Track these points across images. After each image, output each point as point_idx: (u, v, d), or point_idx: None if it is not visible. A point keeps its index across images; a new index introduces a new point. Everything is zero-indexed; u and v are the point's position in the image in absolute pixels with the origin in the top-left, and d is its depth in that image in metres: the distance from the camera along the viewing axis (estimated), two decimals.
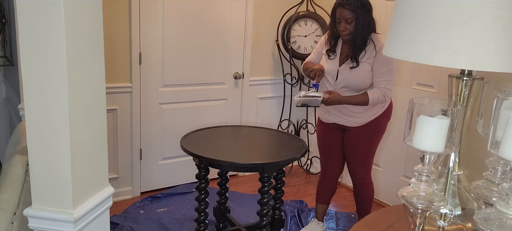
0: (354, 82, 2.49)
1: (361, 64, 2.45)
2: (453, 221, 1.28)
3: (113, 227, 2.91)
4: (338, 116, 2.62)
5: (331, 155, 2.79)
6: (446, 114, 1.10)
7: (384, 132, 2.70)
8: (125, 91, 3.29)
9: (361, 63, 2.45)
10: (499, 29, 0.99)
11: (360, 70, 2.46)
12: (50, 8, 1.18)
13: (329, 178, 2.85)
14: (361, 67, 2.46)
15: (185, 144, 2.38)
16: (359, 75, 2.46)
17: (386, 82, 2.45)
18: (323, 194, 2.90)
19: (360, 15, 2.38)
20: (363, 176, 2.73)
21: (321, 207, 2.94)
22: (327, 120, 2.70)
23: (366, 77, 2.46)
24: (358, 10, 2.37)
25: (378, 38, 2.47)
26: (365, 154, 2.68)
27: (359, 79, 2.47)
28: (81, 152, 1.32)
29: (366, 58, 2.45)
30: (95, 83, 1.38)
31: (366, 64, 2.45)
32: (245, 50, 3.78)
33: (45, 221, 1.32)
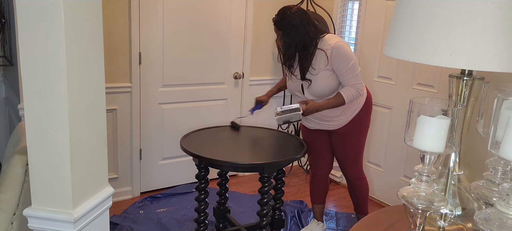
0: (320, 91, 2.49)
1: (319, 74, 2.45)
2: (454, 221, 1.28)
3: (113, 227, 2.90)
4: (319, 122, 2.63)
5: (319, 154, 2.80)
6: (447, 114, 1.10)
7: (368, 126, 2.70)
8: (125, 91, 3.29)
9: (319, 73, 2.45)
10: (499, 29, 0.99)
11: (320, 80, 2.45)
12: (50, 8, 1.17)
13: (319, 177, 2.86)
14: (319, 76, 2.45)
15: (185, 144, 2.38)
16: (322, 84, 2.46)
17: (353, 77, 2.43)
18: (317, 194, 2.92)
19: (285, 33, 2.43)
20: (355, 172, 2.75)
21: (318, 207, 2.95)
22: (311, 127, 2.71)
23: (330, 82, 2.46)
24: (283, 28, 2.43)
25: (325, 42, 2.44)
26: (354, 152, 2.70)
27: (323, 87, 2.47)
28: (80, 152, 1.32)
29: (322, 66, 2.44)
30: (94, 83, 1.38)
31: (324, 72, 2.44)
32: (245, 50, 3.78)
33: (44, 221, 1.32)
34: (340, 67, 2.41)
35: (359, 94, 2.47)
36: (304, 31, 2.40)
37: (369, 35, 3.53)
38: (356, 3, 3.75)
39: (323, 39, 2.45)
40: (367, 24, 3.55)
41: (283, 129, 4.00)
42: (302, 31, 2.40)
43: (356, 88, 2.44)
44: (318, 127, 2.66)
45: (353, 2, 3.78)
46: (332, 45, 2.39)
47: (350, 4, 3.80)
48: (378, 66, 3.47)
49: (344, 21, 3.87)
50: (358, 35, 3.65)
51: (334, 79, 2.46)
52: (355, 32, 3.77)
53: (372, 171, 3.59)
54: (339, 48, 2.39)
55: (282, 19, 2.42)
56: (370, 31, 3.52)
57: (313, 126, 2.68)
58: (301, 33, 2.40)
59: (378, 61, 3.47)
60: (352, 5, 3.80)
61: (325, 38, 2.45)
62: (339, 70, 2.42)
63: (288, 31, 2.41)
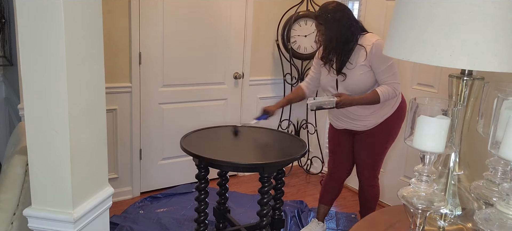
0: (354, 87, 2.47)
1: (356, 69, 2.44)
2: (454, 221, 1.28)
3: (113, 227, 2.90)
4: (347, 121, 2.61)
5: (340, 157, 2.78)
6: (447, 115, 1.10)
7: (397, 134, 2.65)
8: (125, 91, 3.29)
9: (355, 67, 2.44)
10: (499, 29, 0.99)
11: (355, 75, 2.45)
12: (50, 8, 1.17)
13: (335, 180, 2.84)
14: (356, 71, 2.44)
15: (185, 144, 2.38)
16: (357, 79, 2.45)
17: (391, 77, 2.42)
18: (328, 195, 2.90)
19: (327, 27, 2.42)
20: (369, 177, 2.72)
21: (323, 208, 2.93)
22: (338, 126, 2.69)
23: (365, 78, 2.44)
24: (325, 22, 2.42)
25: (365, 39, 2.45)
26: (375, 157, 2.67)
27: (357, 83, 2.46)
28: (80, 152, 1.32)
29: (359, 61, 2.44)
30: (94, 83, 1.38)
31: (360, 67, 2.43)
32: (245, 50, 3.78)
33: (44, 221, 1.32)
34: (379, 65, 2.40)
35: (395, 94, 2.44)
36: (346, 25, 2.41)
37: None
38: (356, 3, 3.75)
39: (364, 36, 2.47)
40: (367, 24, 3.53)
41: (283, 129, 4.00)
42: (345, 25, 2.41)
43: (392, 87, 2.42)
44: (345, 126, 2.63)
45: (353, 2, 3.78)
46: (374, 42, 2.40)
47: (350, 4, 3.80)
48: None
49: None
50: None
51: (370, 76, 2.44)
52: None
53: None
54: (380, 45, 2.39)
55: (325, 13, 2.42)
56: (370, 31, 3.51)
57: (341, 125, 2.65)
58: (344, 27, 2.41)
59: None
60: (352, 5, 3.80)
61: (366, 36, 2.46)
62: (378, 68, 2.41)
63: (331, 24, 2.41)
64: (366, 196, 2.78)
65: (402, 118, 2.62)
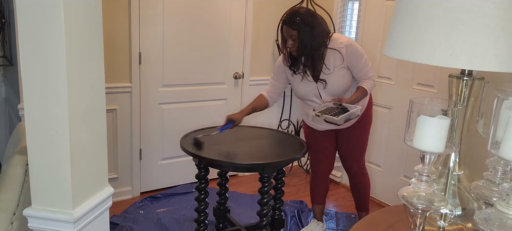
0: (337, 90, 2.48)
1: (335, 72, 2.44)
2: (453, 221, 1.28)
3: (113, 227, 2.90)
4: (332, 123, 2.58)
5: (322, 153, 2.80)
6: (447, 114, 1.10)
7: (371, 120, 2.74)
8: (125, 91, 3.28)
9: (334, 71, 2.44)
10: (499, 29, 0.99)
11: (338, 78, 2.46)
12: (50, 8, 1.17)
13: (320, 177, 2.86)
14: (336, 74, 2.45)
15: (185, 144, 2.38)
16: (339, 82, 2.46)
17: (368, 70, 2.49)
18: (317, 194, 2.92)
19: (301, 32, 2.33)
20: (359, 168, 2.79)
21: (318, 208, 2.95)
22: (320, 128, 2.68)
23: (346, 80, 2.48)
24: (300, 28, 2.34)
25: (335, 41, 2.43)
26: (359, 147, 2.75)
27: (340, 85, 2.48)
28: (80, 152, 1.32)
29: (337, 64, 2.44)
30: (94, 83, 1.38)
31: (340, 70, 2.45)
32: (245, 50, 3.78)
33: (44, 221, 1.32)
34: (357, 63, 2.44)
35: (374, 85, 2.53)
36: (319, 30, 2.36)
37: (369, 35, 3.53)
38: (356, 3, 3.75)
39: (332, 38, 2.46)
40: (367, 24, 3.55)
41: (283, 129, 4.00)
42: (318, 30, 2.36)
43: (372, 80, 2.51)
44: (328, 127, 2.62)
45: (353, 2, 3.78)
46: (346, 43, 2.41)
47: (350, 4, 3.80)
48: (378, 66, 3.47)
49: (344, 21, 3.87)
50: (358, 35, 3.65)
51: (349, 75, 2.48)
52: (355, 32, 3.77)
53: (372, 171, 3.59)
54: (353, 44, 2.43)
55: (296, 18, 2.33)
56: (370, 31, 3.52)
57: (324, 127, 2.64)
58: (317, 32, 2.36)
59: (378, 61, 3.46)
60: (352, 5, 3.80)
61: (333, 38, 2.46)
62: (356, 66, 2.44)
63: (304, 30, 2.33)
64: (360, 186, 2.83)
65: (371, 104, 2.71)
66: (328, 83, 2.46)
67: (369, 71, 2.48)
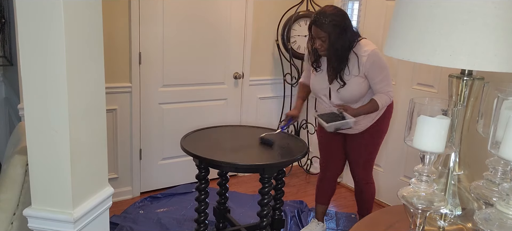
0: (349, 97, 2.46)
1: (351, 78, 2.41)
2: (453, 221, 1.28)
3: (113, 227, 2.90)
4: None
5: (332, 155, 2.79)
6: (447, 114, 1.10)
7: (386, 131, 2.70)
8: (125, 91, 3.28)
9: (351, 77, 2.41)
10: (499, 29, 0.98)
11: (352, 85, 2.42)
12: (50, 8, 1.17)
13: (328, 179, 2.85)
14: (352, 81, 2.42)
15: (185, 144, 2.38)
16: (353, 89, 2.44)
17: (386, 85, 2.43)
18: (323, 194, 2.91)
19: (332, 35, 2.31)
20: (365, 176, 2.75)
21: (321, 208, 2.94)
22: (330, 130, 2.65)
23: (361, 88, 2.44)
24: (330, 30, 2.31)
25: (360, 47, 2.39)
26: (368, 155, 2.70)
27: (353, 93, 2.45)
28: (80, 152, 1.32)
29: (353, 72, 2.41)
30: (94, 83, 1.38)
31: (357, 78, 2.41)
32: (245, 50, 3.78)
33: (44, 221, 1.32)
34: (376, 75, 2.38)
35: (390, 101, 2.46)
36: (348, 33, 2.34)
37: (369, 35, 3.52)
38: (356, 3, 3.74)
39: (359, 43, 2.40)
40: (367, 24, 3.55)
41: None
42: (347, 34, 2.33)
43: (389, 95, 2.44)
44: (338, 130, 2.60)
45: (353, 2, 3.78)
46: (369, 52, 2.35)
47: (350, 4, 3.80)
48: None
49: None
50: None
51: (365, 85, 2.42)
52: None
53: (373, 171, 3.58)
54: (376, 55, 2.35)
55: (327, 19, 2.29)
56: (370, 31, 3.52)
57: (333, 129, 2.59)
58: (347, 35, 2.33)
59: None
60: (352, 5, 3.80)
61: (361, 43, 2.40)
62: (374, 78, 2.39)
63: (333, 31, 2.29)
64: (363, 194, 2.80)
65: (390, 116, 2.65)
66: (346, 87, 2.43)
67: (387, 86, 2.42)
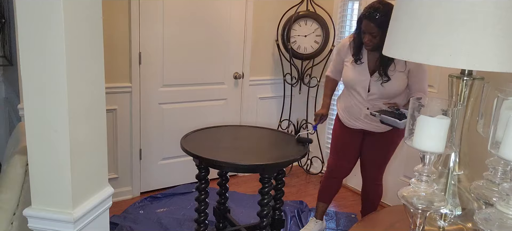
0: (389, 93, 2.46)
1: (396, 74, 2.42)
2: (454, 221, 1.28)
3: (113, 227, 2.90)
4: (368, 122, 2.57)
5: (344, 156, 2.75)
6: (447, 114, 1.10)
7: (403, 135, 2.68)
8: (125, 91, 3.28)
9: (395, 73, 2.42)
10: (499, 29, 0.99)
11: (394, 82, 2.43)
12: (50, 8, 1.17)
13: (335, 178, 2.83)
14: (396, 77, 2.42)
15: (185, 144, 2.38)
16: (394, 86, 2.43)
17: (425, 85, 2.46)
18: (327, 193, 2.89)
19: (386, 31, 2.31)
20: (376, 176, 2.74)
21: (323, 206, 2.92)
22: (352, 126, 2.64)
23: (403, 84, 2.44)
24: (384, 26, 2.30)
25: None
26: (384, 156, 2.69)
27: (394, 88, 2.44)
28: (80, 152, 1.32)
29: (398, 68, 2.41)
30: (94, 83, 1.37)
31: (399, 74, 2.42)
32: (245, 50, 3.78)
33: (44, 221, 1.32)
34: (420, 73, 2.40)
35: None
36: None
37: None
38: (356, 3, 3.75)
39: None
40: None
41: (283, 129, 4.00)
42: None
43: (427, 95, 2.47)
44: (362, 127, 2.59)
45: (353, 2, 3.78)
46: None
47: (350, 4, 3.80)
48: None
49: (344, 21, 3.87)
50: None
51: (405, 82, 2.44)
52: None
53: None
54: None
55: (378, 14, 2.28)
56: None
57: (358, 125, 2.60)
58: None
59: None
60: (352, 5, 3.80)
61: None
62: (418, 76, 2.41)
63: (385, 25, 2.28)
64: (371, 194, 2.79)
65: None
66: (391, 82, 2.43)
67: (426, 86, 2.45)
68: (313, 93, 4.02)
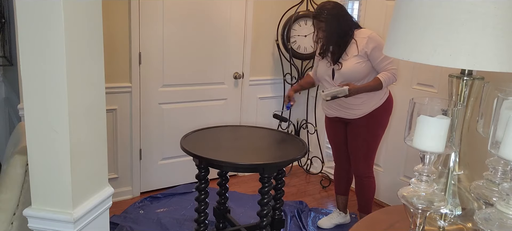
0: (350, 76, 2.64)
1: (350, 59, 2.63)
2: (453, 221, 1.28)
3: (113, 227, 2.90)
4: (339, 109, 2.76)
5: (339, 147, 2.93)
6: (446, 114, 1.10)
7: (385, 127, 2.80)
8: (125, 91, 3.28)
9: (350, 58, 2.63)
10: (499, 29, 0.98)
11: (349, 65, 2.62)
12: (50, 8, 1.17)
13: (343, 169, 2.98)
14: (349, 61, 2.63)
15: (185, 144, 2.38)
16: (352, 68, 2.62)
17: (389, 64, 2.61)
18: (339, 184, 3.03)
19: (330, 24, 2.60)
20: (364, 169, 2.83)
21: (341, 198, 3.07)
22: (330, 115, 2.84)
23: (359, 68, 2.62)
24: (328, 20, 2.60)
25: (360, 33, 2.65)
26: (366, 146, 2.79)
27: (353, 72, 2.63)
28: (80, 152, 1.32)
29: (352, 53, 2.63)
30: (94, 83, 1.38)
31: (354, 58, 2.62)
32: (245, 50, 3.78)
33: (44, 221, 1.32)
34: (377, 54, 2.58)
35: (395, 79, 2.64)
36: (344, 20, 2.63)
37: None
38: (356, 3, 3.74)
39: (359, 31, 2.67)
40: (367, 24, 3.55)
41: (283, 129, 4.00)
42: (343, 21, 2.63)
43: (392, 73, 2.61)
44: (336, 114, 2.78)
45: (353, 2, 3.78)
46: (369, 35, 2.61)
47: (350, 4, 3.80)
48: None
49: None
50: None
51: (365, 66, 2.62)
52: None
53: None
54: (375, 36, 2.61)
55: (324, 12, 2.60)
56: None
57: (333, 113, 2.81)
58: (342, 22, 2.62)
59: None
60: (352, 5, 3.80)
61: (361, 31, 2.67)
62: (376, 57, 2.58)
63: (330, 21, 2.60)
64: (364, 188, 2.87)
65: (389, 111, 2.79)
66: (343, 67, 2.64)
67: (389, 65, 2.60)
68: (313, 93, 4.02)
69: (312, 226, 3.15)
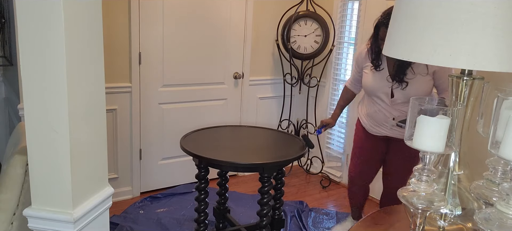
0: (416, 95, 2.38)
1: (417, 78, 2.38)
2: (453, 221, 1.28)
3: (113, 227, 2.90)
4: (393, 130, 2.52)
5: (368, 163, 2.72)
6: (446, 114, 1.10)
7: None
8: (125, 91, 3.28)
9: (417, 77, 2.38)
10: (499, 29, 0.98)
11: (415, 86, 2.39)
12: (50, 8, 1.17)
13: (360, 186, 2.82)
14: (418, 80, 2.38)
15: (185, 144, 2.38)
16: (419, 88, 2.39)
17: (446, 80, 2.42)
18: (354, 201, 2.90)
19: None
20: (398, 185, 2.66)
21: (358, 211, 2.94)
22: (377, 133, 2.59)
23: (426, 88, 2.40)
24: None
25: None
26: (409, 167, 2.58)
27: (418, 92, 2.39)
28: (80, 152, 1.32)
29: (420, 72, 2.37)
30: (94, 83, 1.37)
31: (420, 77, 2.38)
32: (245, 50, 3.78)
33: (44, 221, 1.32)
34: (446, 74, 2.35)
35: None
36: None
37: (369, 35, 3.52)
38: (356, 3, 3.74)
39: None
40: (367, 24, 3.55)
41: (283, 129, 4.00)
42: None
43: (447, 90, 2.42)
44: (387, 133, 2.54)
45: (353, 2, 3.78)
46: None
47: (350, 4, 3.80)
48: None
49: (344, 21, 3.87)
50: (358, 35, 3.65)
51: (431, 85, 2.40)
52: (355, 32, 3.77)
53: None
54: None
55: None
56: (370, 31, 3.49)
57: (382, 132, 2.56)
58: None
59: None
60: (352, 5, 3.80)
61: None
62: (443, 77, 2.36)
63: None
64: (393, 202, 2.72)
65: None
66: (410, 87, 2.39)
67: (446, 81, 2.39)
68: (313, 93, 4.02)
69: (312, 226, 3.15)
